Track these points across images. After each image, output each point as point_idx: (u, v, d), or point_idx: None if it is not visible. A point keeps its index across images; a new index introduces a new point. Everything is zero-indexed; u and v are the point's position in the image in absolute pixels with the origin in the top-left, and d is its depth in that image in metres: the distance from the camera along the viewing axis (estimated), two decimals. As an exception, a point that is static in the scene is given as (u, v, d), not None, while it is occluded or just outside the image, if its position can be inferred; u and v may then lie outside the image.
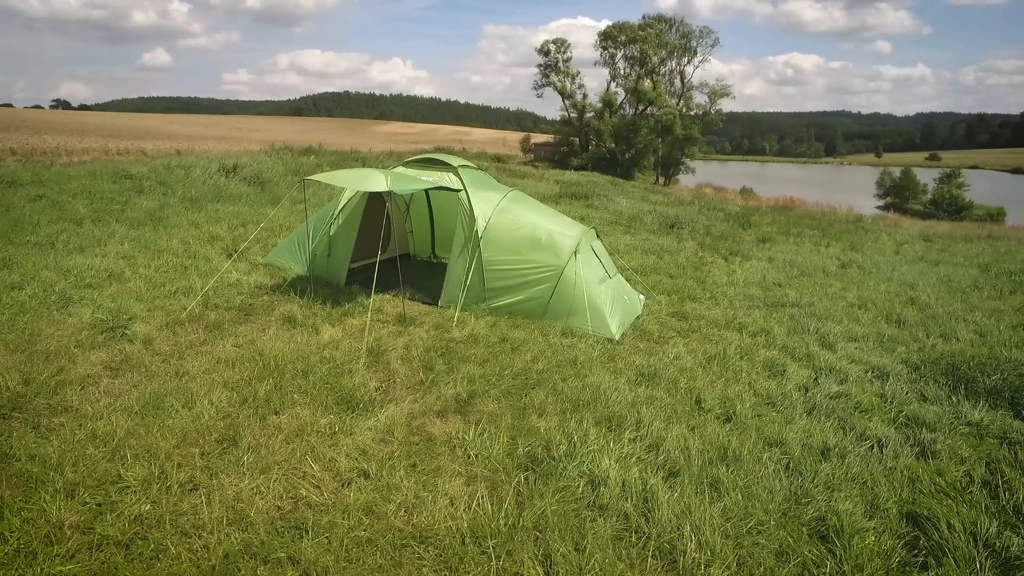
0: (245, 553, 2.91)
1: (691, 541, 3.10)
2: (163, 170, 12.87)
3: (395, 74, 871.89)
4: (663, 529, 3.19)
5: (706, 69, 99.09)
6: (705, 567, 2.95)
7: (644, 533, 3.18)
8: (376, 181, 6.14)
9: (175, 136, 37.30)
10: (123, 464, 3.49)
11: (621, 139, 47.76)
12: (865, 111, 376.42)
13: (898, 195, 49.99)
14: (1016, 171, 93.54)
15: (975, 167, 54.42)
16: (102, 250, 7.63)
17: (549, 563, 2.96)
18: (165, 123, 62.71)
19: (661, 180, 48.04)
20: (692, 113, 48.65)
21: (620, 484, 3.58)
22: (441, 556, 2.99)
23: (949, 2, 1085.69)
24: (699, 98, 49.00)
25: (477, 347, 5.80)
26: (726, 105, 48.90)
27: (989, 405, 4.78)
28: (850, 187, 66.92)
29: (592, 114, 49.44)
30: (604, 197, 18.93)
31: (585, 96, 50.55)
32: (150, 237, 8.40)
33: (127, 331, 5.39)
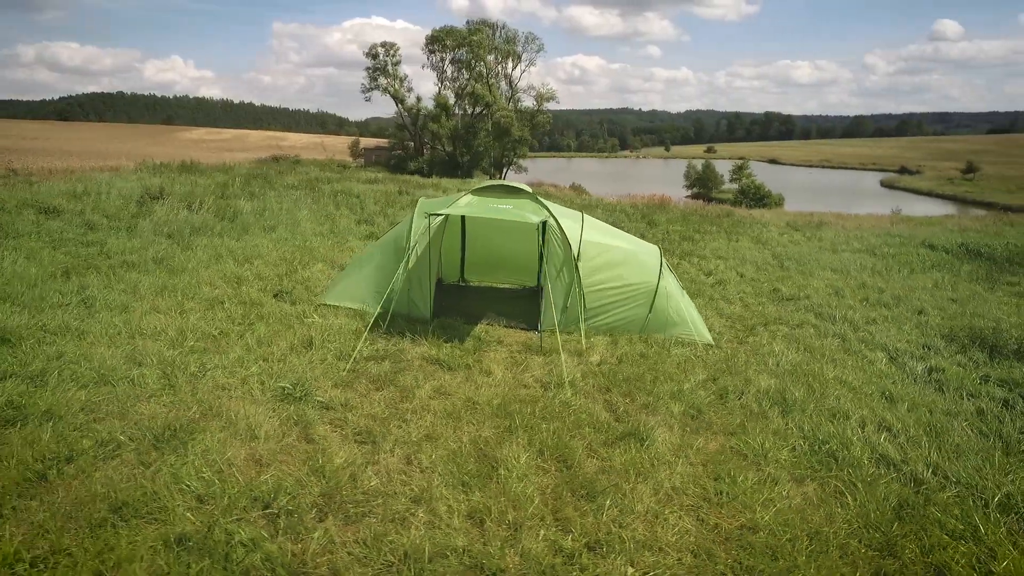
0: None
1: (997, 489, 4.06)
2: (73, 198, 10.74)
3: (175, 74, 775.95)
4: (972, 487, 4.12)
5: (531, 73, 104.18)
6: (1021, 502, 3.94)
7: (973, 494, 4.08)
8: (522, 213, 6.25)
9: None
10: (541, 538, 3.50)
11: (459, 141, 48.94)
12: (645, 108, 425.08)
13: (703, 186, 58.23)
14: (772, 162, 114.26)
15: (743, 158, 64.66)
16: (150, 304, 6.51)
17: (927, 537, 3.70)
18: None
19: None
20: (523, 112, 51.21)
21: (903, 460, 4.45)
22: (876, 547, 3.59)
23: (700, 16, 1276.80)
24: (526, 101, 52.03)
25: (629, 366, 6.23)
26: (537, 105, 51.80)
27: (1024, 364, 6.51)
28: (657, 179, 75.32)
29: (426, 114, 49.57)
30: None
31: (419, 99, 50.88)
32: (180, 284, 7.26)
33: (319, 399, 4.94)
